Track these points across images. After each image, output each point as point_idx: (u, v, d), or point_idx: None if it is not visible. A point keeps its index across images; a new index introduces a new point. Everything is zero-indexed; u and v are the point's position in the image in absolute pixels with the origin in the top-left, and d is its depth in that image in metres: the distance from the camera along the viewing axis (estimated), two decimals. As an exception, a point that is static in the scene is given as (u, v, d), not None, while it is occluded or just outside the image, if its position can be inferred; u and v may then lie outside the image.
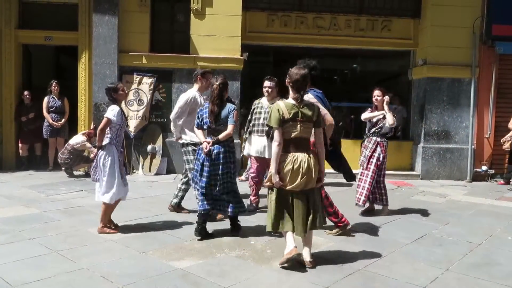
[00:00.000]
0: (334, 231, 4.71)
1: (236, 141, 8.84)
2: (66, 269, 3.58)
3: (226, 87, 4.65)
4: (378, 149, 5.71)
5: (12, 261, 3.72)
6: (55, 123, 8.59)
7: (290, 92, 3.81)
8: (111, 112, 4.59)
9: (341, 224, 4.66)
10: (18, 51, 9.12)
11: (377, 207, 5.86)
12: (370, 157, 5.69)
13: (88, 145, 7.90)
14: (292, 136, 3.72)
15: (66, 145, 8.12)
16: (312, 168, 3.71)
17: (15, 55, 8.99)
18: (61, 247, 4.10)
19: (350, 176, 4.68)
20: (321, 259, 3.94)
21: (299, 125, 3.70)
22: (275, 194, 3.77)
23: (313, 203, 3.78)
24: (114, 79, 8.51)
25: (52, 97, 8.74)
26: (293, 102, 3.75)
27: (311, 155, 3.76)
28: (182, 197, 5.55)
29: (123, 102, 8.37)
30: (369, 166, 5.67)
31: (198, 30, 8.78)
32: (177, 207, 5.55)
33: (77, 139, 8.00)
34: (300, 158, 3.69)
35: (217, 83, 4.55)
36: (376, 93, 5.85)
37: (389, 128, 5.76)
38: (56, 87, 8.74)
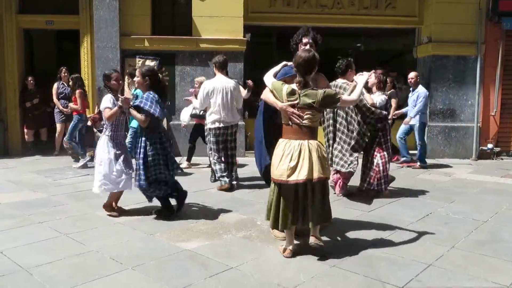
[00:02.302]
0: None
1: (241, 123, 8.86)
2: (76, 251, 3.63)
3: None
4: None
5: (22, 245, 3.78)
6: (65, 109, 8.61)
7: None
8: (106, 102, 4.49)
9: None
10: (19, 36, 9.08)
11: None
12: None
13: (94, 130, 7.92)
14: (290, 122, 3.53)
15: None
16: (314, 157, 3.45)
17: (16, 40, 8.95)
18: (70, 231, 4.15)
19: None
20: (328, 238, 3.97)
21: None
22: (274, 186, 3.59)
23: (311, 196, 3.49)
24: (117, 63, 8.50)
25: (62, 83, 8.74)
26: (294, 87, 3.54)
27: (315, 143, 3.51)
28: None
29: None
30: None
31: (199, 12, 8.69)
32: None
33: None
34: (293, 145, 3.48)
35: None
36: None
37: (381, 112, 5.41)
38: (65, 74, 8.73)
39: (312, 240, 3.54)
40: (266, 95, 3.77)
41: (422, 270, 3.31)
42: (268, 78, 3.79)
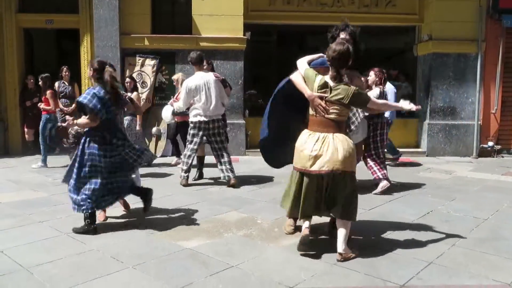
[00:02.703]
0: None
1: (241, 121, 8.86)
2: (77, 250, 3.63)
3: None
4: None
5: (23, 244, 3.77)
6: (65, 109, 8.60)
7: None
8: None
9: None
10: (19, 35, 9.08)
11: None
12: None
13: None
14: (317, 115, 3.47)
15: (70, 129, 8.14)
16: (337, 149, 3.36)
17: (16, 39, 8.95)
18: (71, 230, 4.15)
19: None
20: (328, 236, 3.97)
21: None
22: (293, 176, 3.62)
23: (334, 189, 3.45)
24: (117, 62, 8.49)
25: (63, 83, 8.74)
26: (328, 80, 3.44)
27: (341, 136, 3.43)
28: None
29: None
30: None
31: (199, 10, 8.68)
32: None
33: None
34: (317, 137, 3.42)
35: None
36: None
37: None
38: (66, 73, 8.72)
39: (337, 257, 3.43)
40: (298, 78, 3.61)
41: (423, 268, 3.31)
42: (302, 63, 3.65)
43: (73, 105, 8.69)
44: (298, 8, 9.17)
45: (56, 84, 8.69)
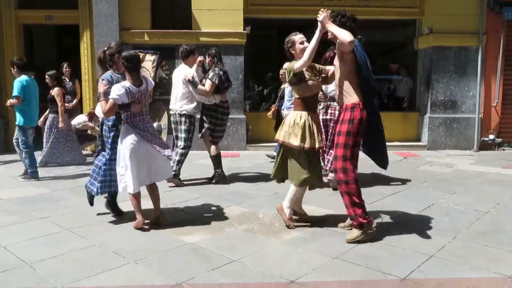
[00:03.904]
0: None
1: (242, 116, 8.85)
2: (79, 246, 3.64)
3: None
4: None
5: (25, 240, 3.79)
6: (66, 105, 8.60)
7: None
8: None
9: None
10: (19, 31, 9.06)
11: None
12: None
13: (91, 124, 7.93)
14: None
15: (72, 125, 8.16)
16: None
17: (16, 36, 8.94)
18: (72, 225, 4.17)
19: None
20: (330, 230, 3.98)
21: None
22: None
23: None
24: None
25: (64, 79, 8.73)
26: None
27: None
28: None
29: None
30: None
31: (199, 5, 8.65)
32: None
33: (79, 119, 8.04)
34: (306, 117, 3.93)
35: None
36: None
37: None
38: (67, 69, 8.72)
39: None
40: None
41: (424, 261, 3.32)
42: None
43: (74, 101, 8.71)
44: (298, 2, 9.14)
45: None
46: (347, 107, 3.71)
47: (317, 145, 3.89)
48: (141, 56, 8.59)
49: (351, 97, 3.69)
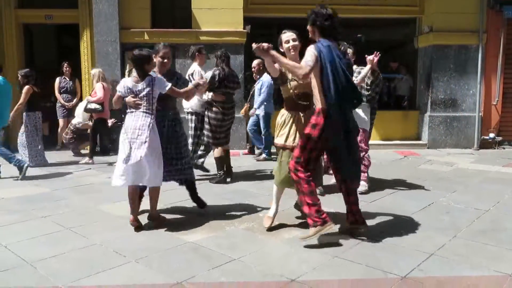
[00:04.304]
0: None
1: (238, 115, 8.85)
2: (79, 245, 3.65)
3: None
4: None
5: (26, 239, 3.79)
6: (66, 104, 8.63)
7: None
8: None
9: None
10: (19, 31, 9.06)
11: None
12: None
13: (91, 123, 7.93)
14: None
15: (69, 125, 8.19)
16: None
17: (16, 35, 8.94)
18: (73, 224, 4.17)
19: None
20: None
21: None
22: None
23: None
24: (117, 57, 8.49)
25: (64, 78, 8.75)
26: None
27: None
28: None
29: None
30: None
31: (199, 4, 8.65)
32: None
33: (79, 119, 8.04)
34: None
35: None
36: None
37: None
38: (68, 68, 8.73)
39: None
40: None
41: (424, 259, 3.32)
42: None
43: (74, 100, 8.72)
44: (298, 1, 9.10)
45: (57, 79, 8.70)
46: (315, 111, 3.64)
47: (287, 143, 3.84)
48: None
49: (319, 102, 3.60)
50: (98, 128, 7.65)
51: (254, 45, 3.50)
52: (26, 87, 7.00)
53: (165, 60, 4.32)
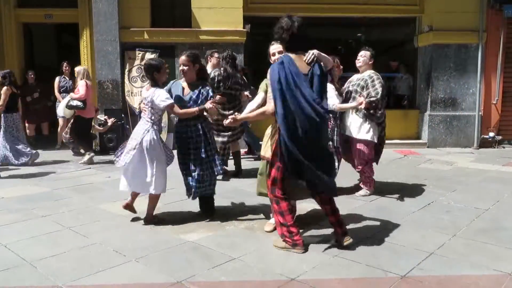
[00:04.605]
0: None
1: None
2: (79, 244, 3.65)
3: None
4: None
5: (26, 238, 3.80)
6: None
7: None
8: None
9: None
10: (18, 30, 9.06)
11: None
12: None
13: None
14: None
15: (69, 124, 8.18)
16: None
17: (16, 34, 8.94)
18: (73, 224, 4.17)
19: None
20: (330, 228, 3.98)
21: None
22: None
23: None
24: (117, 56, 8.49)
25: (63, 78, 8.75)
26: None
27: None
28: None
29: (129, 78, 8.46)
30: None
31: (199, 3, 8.65)
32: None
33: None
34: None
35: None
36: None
37: None
38: (67, 68, 8.73)
39: None
40: None
41: (424, 258, 3.32)
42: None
43: None
44: (298, 0, 9.13)
45: (57, 79, 8.70)
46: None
47: (262, 154, 3.94)
48: (140, 55, 8.64)
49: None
50: (78, 125, 7.49)
51: (225, 122, 3.69)
52: (4, 88, 6.97)
53: (182, 67, 4.35)
